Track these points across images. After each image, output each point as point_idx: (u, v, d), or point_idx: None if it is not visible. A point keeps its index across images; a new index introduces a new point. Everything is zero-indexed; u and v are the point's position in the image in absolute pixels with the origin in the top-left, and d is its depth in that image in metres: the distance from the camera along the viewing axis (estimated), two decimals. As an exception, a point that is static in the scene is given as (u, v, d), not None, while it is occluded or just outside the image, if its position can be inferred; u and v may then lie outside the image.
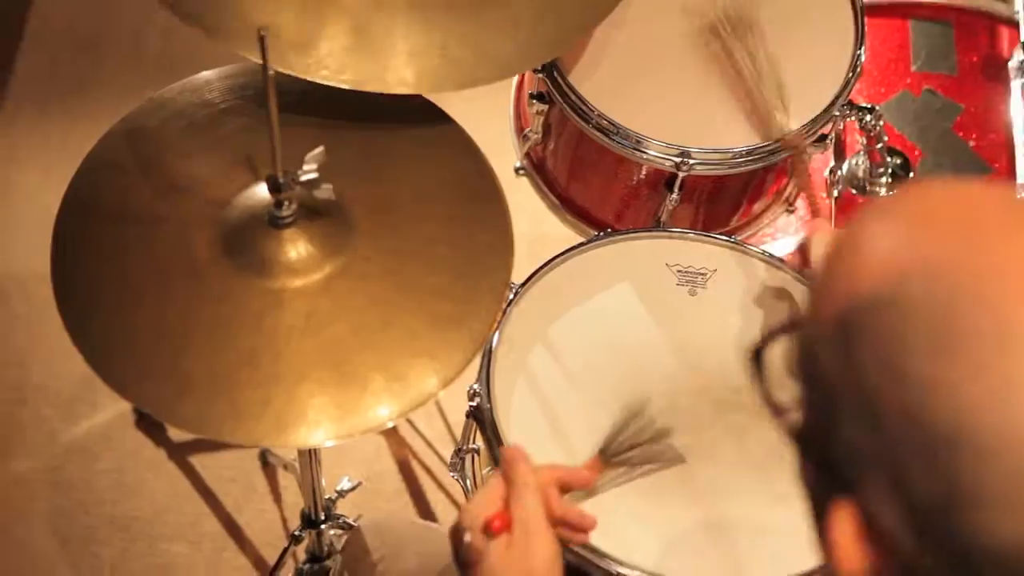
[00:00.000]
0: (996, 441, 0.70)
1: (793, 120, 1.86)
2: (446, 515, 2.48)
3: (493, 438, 1.58)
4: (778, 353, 0.89)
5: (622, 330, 1.70)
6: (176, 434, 2.55)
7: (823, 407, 0.80)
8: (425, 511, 2.50)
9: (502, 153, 1.90)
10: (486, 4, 1.65)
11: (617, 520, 1.52)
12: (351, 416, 1.46)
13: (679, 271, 1.75)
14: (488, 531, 1.23)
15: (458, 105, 1.71)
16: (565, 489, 1.34)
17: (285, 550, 2.22)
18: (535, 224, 2.14)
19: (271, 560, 2.40)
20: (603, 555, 1.48)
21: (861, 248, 0.79)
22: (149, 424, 2.55)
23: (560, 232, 2.08)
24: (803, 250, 1.63)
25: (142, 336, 1.50)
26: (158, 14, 2.93)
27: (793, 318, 0.89)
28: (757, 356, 0.91)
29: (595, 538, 1.47)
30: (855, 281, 0.77)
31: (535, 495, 1.25)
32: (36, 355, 2.62)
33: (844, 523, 0.79)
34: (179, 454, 2.54)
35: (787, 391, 0.86)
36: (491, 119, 2.15)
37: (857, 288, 0.77)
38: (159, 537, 2.46)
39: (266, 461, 2.51)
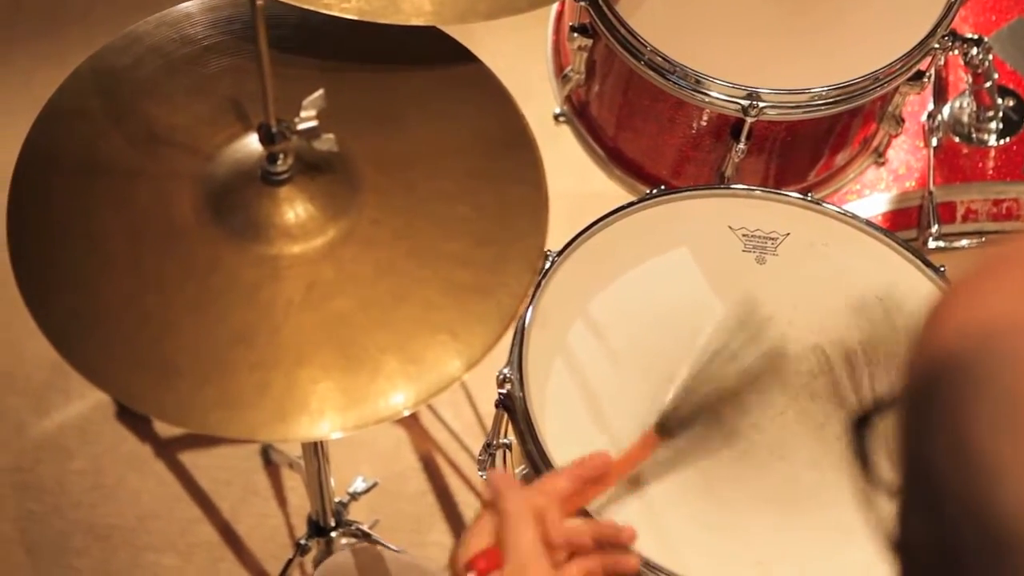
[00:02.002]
0: None
1: (883, 54, 1.84)
2: (473, 518, 2.48)
3: (526, 431, 1.59)
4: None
5: (677, 305, 1.70)
6: (163, 428, 2.56)
7: (902, 487, 0.80)
8: (452, 514, 2.51)
9: (538, 97, 1.91)
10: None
11: (670, 525, 1.53)
12: (361, 404, 1.48)
13: (745, 235, 1.76)
14: (473, 572, 1.25)
15: (484, 40, 1.71)
16: (575, 503, 1.36)
17: (290, 561, 2.24)
18: (578, 180, 2.14)
19: (274, 573, 2.42)
20: (653, 566, 1.48)
21: (948, 301, 0.78)
22: (132, 416, 2.57)
23: (607, 189, 2.09)
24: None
25: (116, 313, 1.52)
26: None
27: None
28: (860, 425, 0.90)
29: (644, 547, 1.49)
30: (935, 337, 0.76)
31: (527, 524, 1.26)
32: (0, 336, 2.64)
33: None
34: (167, 451, 2.56)
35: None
36: (525, 57, 2.16)
37: (935, 345, 0.76)
38: (144, 547, 2.48)
39: (268, 459, 2.53)
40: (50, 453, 2.56)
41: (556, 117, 2.10)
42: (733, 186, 1.83)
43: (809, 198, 1.80)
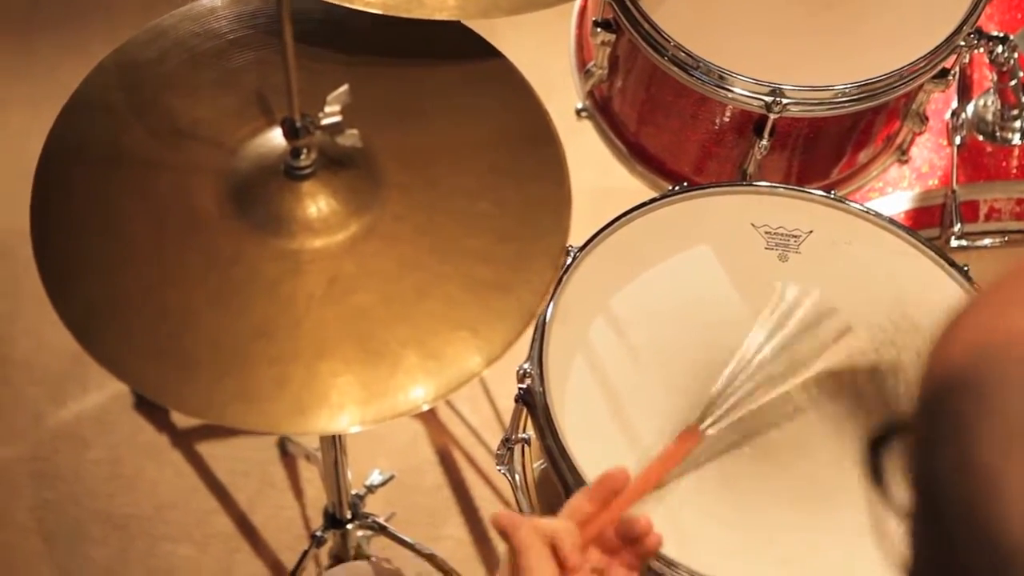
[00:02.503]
0: None
1: (908, 51, 1.85)
2: (491, 512, 2.47)
3: (546, 426, 1.60)
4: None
5: (699, 301, 1.71)
6: (181, 419, 2.57)
7: (912, 504, 0.80)
8: (468, 508, 2.52)
9: (561, 92, 1.91)
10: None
11: (689, 523, 1.53)
12: (380, 398, 1.48)
13: (768, 233, 1.76)
14: None
15: (507, 35, 1.72)
16: (609, 509, 1.36)
17: (305, 553, 2.24)
18: (599, 175, 2.14)
19: (290, 564, 2.43)
20: (674, 564, 1.50)
21: (959, 317, 0.78)
22: (150, 406, 2.57)
23: (628, 185, 2.09)
24: None
25: (137, 303, 1.52)
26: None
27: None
28: (877, 445, 0.90)
29: (669, 546, 1.49)
30: (944, 353, 0.76)
31: (539, 555, 1.27)
32: (20, 326, 2.65)
33: None
34: (184, 442, 2.57)
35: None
36: (547, 52, 2.16)
37: (944, 361, 0.76)
38: (161, 537, 2.49)
39: (285, 451, 2.54)
40: (68, 443, 2.57)
41: (578, 112, 2.10)
42: (756, 183, 1.82)
43: (832, 196, 1.80)
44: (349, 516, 2.14)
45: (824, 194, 1.80)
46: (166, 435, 2.57)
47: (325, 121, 1.49)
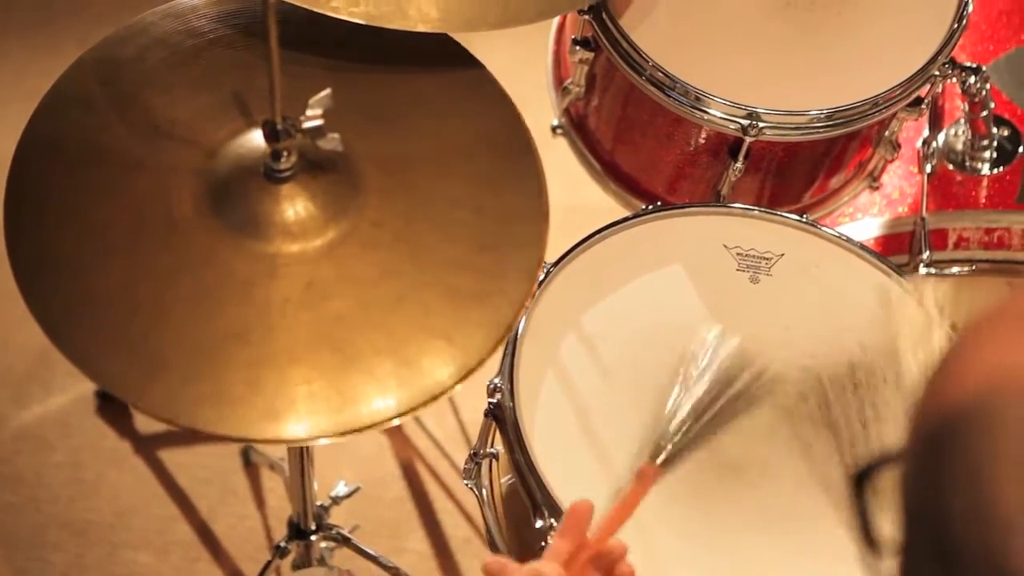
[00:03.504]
0: None
1: (883, 79, 1.84)
2: (455, 528, 2.47)
3: (515, 441, 1.58)
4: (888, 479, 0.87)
5: (669, 321, 1.70)
6: (144, 424, 2.54)
7: (907, 541, 0.78)
8: (430, 521, 2.50)
9: (537, 108, 1.90)
10: (529, -72, 1.65)
11: (659, 541, 1.52)
12: (352, 407, 1.46)
13: (740, 254, 1.75)
14: None
15: (487, 49, 1.70)
16: (588, 545, 1.35)
17: (268, 564, 2.21)
18: (571, 192, 2.14)
19: (250, 574, 2.41)
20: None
21: (961, 352, 0.77)
22: (113, 411, 2.55)
23: (601, 202, 2.09)
24: None
25: (110, 301, 1.50)
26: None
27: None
28: (860, 480, 0.89)
29: (640, 566, 1.47)
30: (948, 389, 0.75)
31: None
32: (-19, 324, 2.62)
33: None
34: (147, 447, 2.54)
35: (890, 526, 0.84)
36: (525, 67, 2.14)
37: (948, 397, 0.75)
38: (121, 544, 2.46)
39: (248, 459, 2.51)
40: (29, 445, 2.54)
41: (554, 129, 2.09)
42: (730, 205, 1.82)
43: (805, 220, 1.80)
44: (313, 527, 2.11)
45: (797, 218, 1.80)
46: (128, 440, 2.54)
47: (306, 124, 1.48)
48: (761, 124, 1.82)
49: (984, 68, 1.96)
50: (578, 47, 1.94)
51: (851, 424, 1.61)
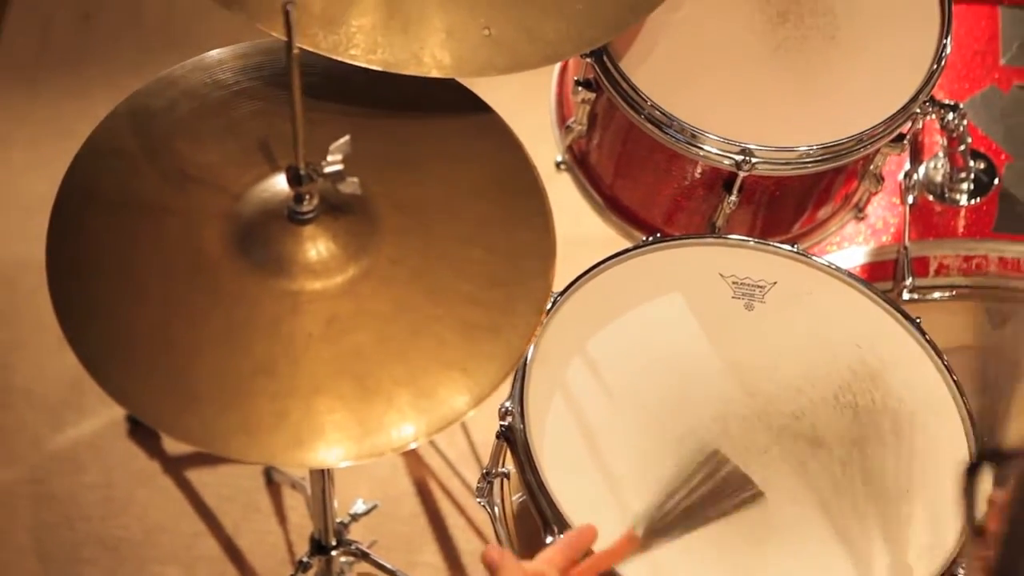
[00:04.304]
0: None
1: (868, 117, 1.85)
2: (466, 543, 2.48)
3: (526, 462, 1.59)
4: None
5: (669, 346, 1.70)
6: (172, 446, 2.55)
7: (1010, 533, 0.79)
8: (443, 536, 2.50)
9: (541, 145, 1.90)
10: (536, -19, 1.66)
11: (665, 558, 1.52)
12: (373, 435, 1.47)
13: (735, 283, 1.76)
14: None
15: (494, 90, 1.70)
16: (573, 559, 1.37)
17: (291, 578, 2.23)
18: (574, 224, 2.13)
19: (273, 588, 2.41)
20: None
21: None
22: (142, 434, 2.55)
23: (602, 234, 2.09)
24: None
25: (145, 338, 1.50)
26: (160, -20, 2.98)
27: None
28: (972, 472, 0.89)
29: (634, 569, 1.48)
30: None
31: None
32: (21, 353, 2.62)
33: None
34: (174, 468, 2.54)
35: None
36: (530, 107, 2.15)
37: None
38: (150, 559, 2.46)
39: (271, 479, 2.52)
40: (64, 466, 2.54)
41: (558, 164, 2.10)
42: (725, 236, 1.82)
43: (796, 249, 1.80)
44: (334, 543, 2.12)
45: (788, 248, 1.80)
46: (157, 461, 2.55)
47: (327, 169, 1.48)
48: (754, 159, 1.83)
49: (961, 105, 1.98)
50: (580, 88, 1.94)
51: (842, 441, 1.62)
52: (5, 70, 2.95)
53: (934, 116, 1.98)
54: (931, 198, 2.12)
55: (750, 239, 1.80)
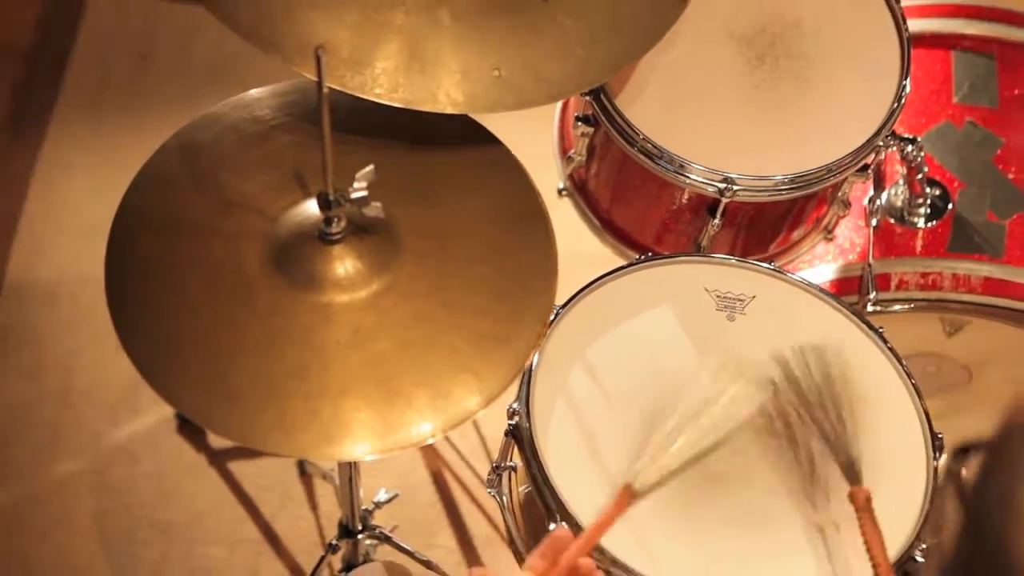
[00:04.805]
0: None
1: (836, 149, 1.85)
2: (478, 528, 2.48)
3: (531, 457, 1.59)
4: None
5: (660, 353, 1.69)
6: (216, 440, 2.55)
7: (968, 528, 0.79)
8: (457, 522, 2.50)
9: (544, 173, 1.90)
10: (542, 28, 1.65)
11: (652, 540, 1.52)
12: (395, 431, 1.47)
13: (718, 296, 1.75)
14: None
15: (502, 124, 1.70)
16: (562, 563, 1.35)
17: (322, 559, 2.21)
18: (574, 244, 2.12)
19: (306, 567, 2.40)
20: (634, 573, 1.49)
21: None
22: (190, 430, 2.55)
23: (599, 252, 2.08)
24: None
25: (191, 345, 1.51)
26: (207, 26, 2.97)
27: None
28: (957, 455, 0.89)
29: (629, 557, 1.48)
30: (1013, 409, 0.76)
31: None
32: (82, 359, 2.62)
33: None
34: (218, 460, 2.54)
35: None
36: (534, 139, 2.14)
37: (1009, 415, 0.76)
38: (197, 540, 2.46)
39: (304, 470, 2.51)
40: (121, 459, 2.54)
41: (559, 191, 2.09)
42: (709, 255, 1.82)
43: (773, 267, 1.79)
44: (360, 527, 2.11)
45: (766, 265, 1.79)
46: (203, 454, 2.54)
47: (354, 195, 1.48)
48: (735, 187, 1.82)
49: (919, 139, 1.97)
50: (580, 123, 1.94)
51: (810, 438, 1.62)
52: (70, 105, 2.95)
53: (895, 148, 1.97)
54: (892, 221, 2.11)
55: (731, 257, 1.79)
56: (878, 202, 2.11)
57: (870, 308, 2.02)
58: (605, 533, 1.42)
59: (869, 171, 1.96)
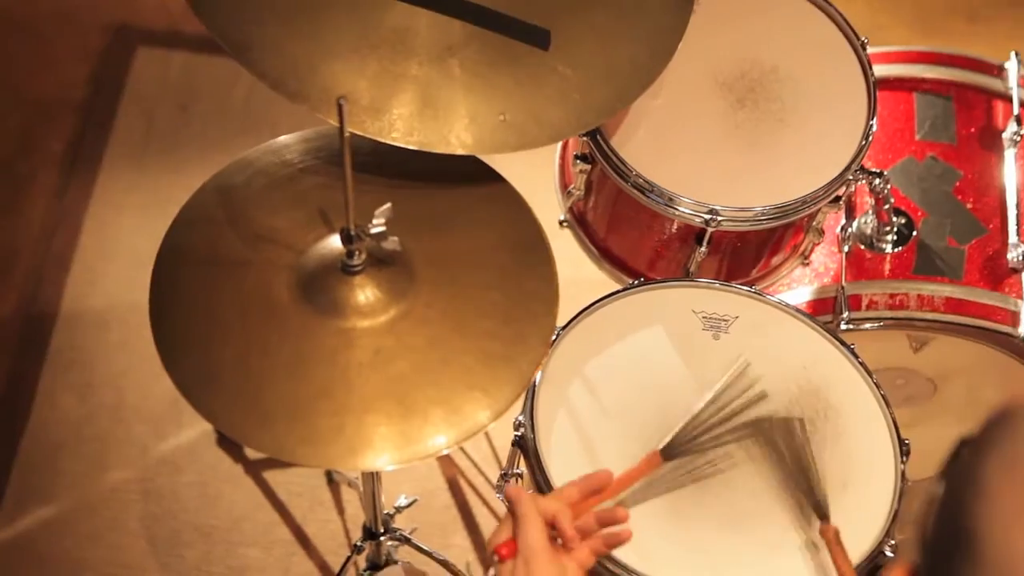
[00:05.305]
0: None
1: (811, 183, 1.84)
2: (490, 529, 2.43)
3: (536, 465, 1.58)
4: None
5: (653, 369, 1.68)
6: (251, 452, 2.54)
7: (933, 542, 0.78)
8: (471, 524, 2.49)
9: (546, 206, 1.90)
10: (542, 76, 1.64)
11: (645, 538, 1.50)
12: (412, 444, 1.46)
13: (704, 317, 1.74)
14: (497, 558, 1.28)
15: (507, 163, 1.70)
16: (587, 500, 1.36)
17: (348, 559, 2.20)
18: (574, 270, 2.12)
19: (334, 566, 2.39)
20: (628, 569, 1.48)
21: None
22: (228, 443, 2.54)
23: (596, 277, 2.07)
24: None
25: (227, 367, 1.50)
26: (241, 79, 2.98)
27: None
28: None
29: (624, 554, 1.47)
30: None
31: (535, 525, 1.28)
32: (130, 378, 2.62)
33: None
34: (254, 469, 2.53)
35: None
36: (537, 176, 2.14)
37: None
38: (235, 543, 2.46)
39: (331, 478, 2.50)
40: (167, 468, 2.53)
41: (560, 223, 2.08)
42: (696, 279, 1.81)
43: (754, 290, 1.79)
44: (382, 530, 2.10)
45: (747, 288, 1.78)
46: (241, 465, 2.54)
47: (373, 230, 1.48)
48: (719, 218, 1.81)
49: (885, 172, 1.96)
50: (578, 161, 1.93)
51: (792, 444, 1.61)
52: (119, 151, 2.96)
53: (864, 181, 1.97)
54: (862, 247, 2.10)
55: (716, 282, 1.79)
56: (849, 230, 2.10)
57: (843, 327, 2.01)
58: (630, 487, 1.46)
59: (841, 202, 1.95)
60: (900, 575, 0.79)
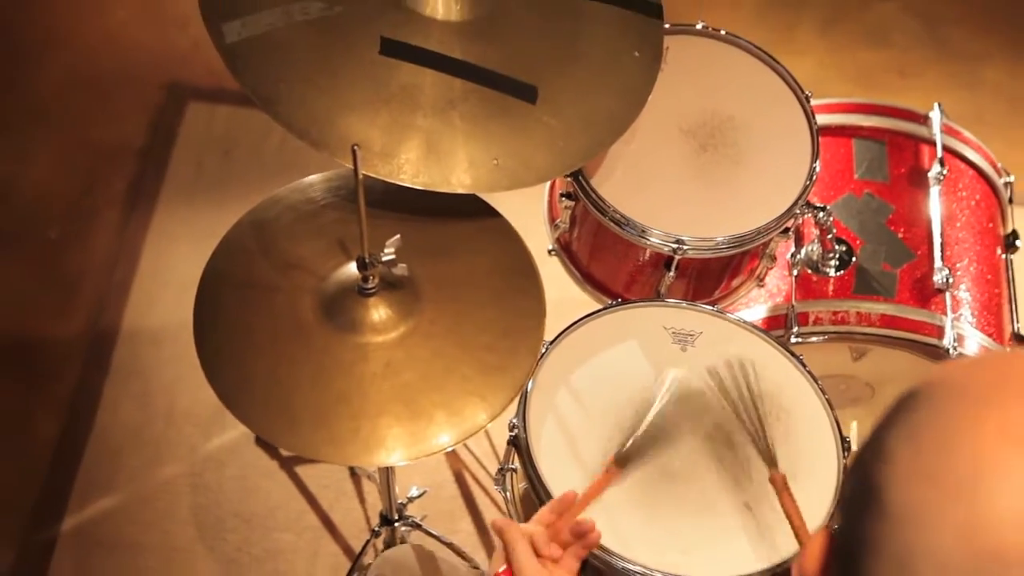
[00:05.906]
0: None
1: (764, 216, 1.84)
2: (491, 515, 2.45)
3: (527, 461, 1.57)
4: None
5: (628, 377, 1.68)
6: (285, 451, 2.53)
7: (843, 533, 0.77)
8: (475, 512, 2.48)
9: (536, 238, 1.90)
10: (530, 126, 1.64)
11: (623, 525, 1.50)
12: (420, 442, 1.46)
13: (673, 332, 1.74)
14: None
15: (502, 200, 1.70)
16: (562, 517, 1.34)
17: (368, 541, 2.20)
18: (561, 292, 2.13)
19: (356, 548, 2.38)
20: (611, 553, 1.47)
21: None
22: (265, 442, 2.53)
23: (581, 298, 2.07)
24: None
25: (261, 378, 1.50)
26: (275, 130, 2.96)
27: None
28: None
29: (604, 539, 1.45)
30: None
31: (521, 547, 1.27)
32: (181, 386, 2.61)
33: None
34: (287, 465, 2.52)
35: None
36: (528, 212, 2.14)
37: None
38: (272, 528, 2.45)
39: (353, 472, 2.49)
40: (212, 464, 2.52)
41: (549, 251, 2.08)
42: (666, 300, 1.80)
43: (716, 308, 1.78)
44: (396, 517, 2.09)
45: (711, 307, 1.78)
46: (276, 461, 2.53)
47: (385, 258, 1.48)
48: (685, 247, 1.81)
49: (828, 207, 1.96)
50: (564, 198, 1.93)
51: (747, 442, 1.60)
52: (172, 190, 2.96)
53: (810, 215, 1.96)
54: (809, 271, 2.10)
55: (684, 302, 1.78)
56: (798, 256, 2.10)
57: (793, 340, 2.00)
58: (595, 499, 1.43)
59: (790, 232, 1.95)
60: (821, 535, 0.78)
